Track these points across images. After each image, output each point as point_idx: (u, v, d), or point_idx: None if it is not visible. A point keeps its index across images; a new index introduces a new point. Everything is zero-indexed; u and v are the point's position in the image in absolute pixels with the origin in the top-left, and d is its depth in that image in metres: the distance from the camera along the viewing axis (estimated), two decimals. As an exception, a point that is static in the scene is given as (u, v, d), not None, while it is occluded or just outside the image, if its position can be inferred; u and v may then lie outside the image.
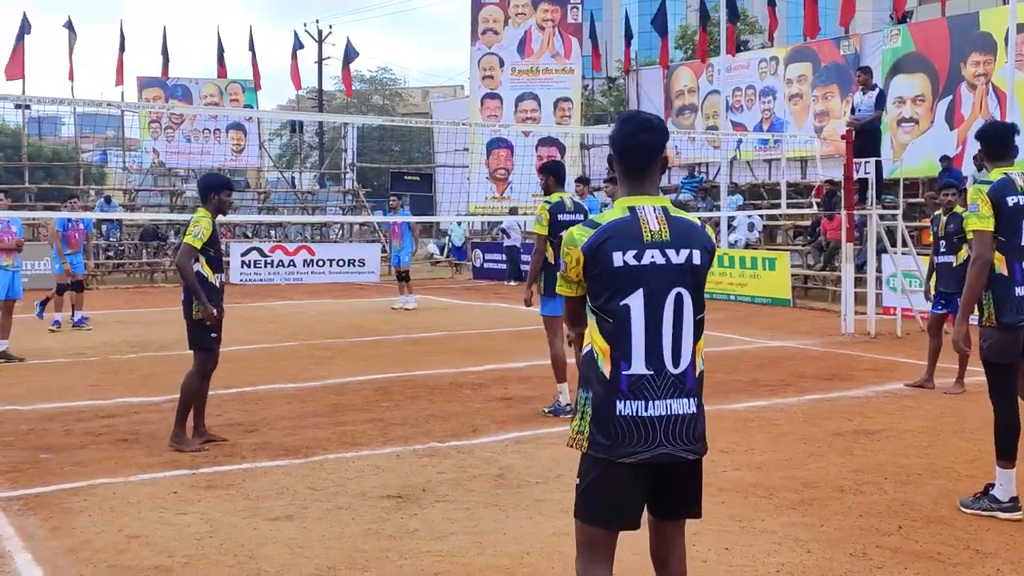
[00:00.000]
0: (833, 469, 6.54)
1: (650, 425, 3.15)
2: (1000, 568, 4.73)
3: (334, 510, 5.68)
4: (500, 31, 27.55)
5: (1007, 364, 5.59)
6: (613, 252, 3.17)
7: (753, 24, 39.74)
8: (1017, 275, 5.51)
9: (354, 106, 55.01)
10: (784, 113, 24.18)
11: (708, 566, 4.79)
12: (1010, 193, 5.53)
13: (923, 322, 11.04)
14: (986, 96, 19.78)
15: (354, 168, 30.06)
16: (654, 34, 29.35)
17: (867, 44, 22.49)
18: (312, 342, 13.11)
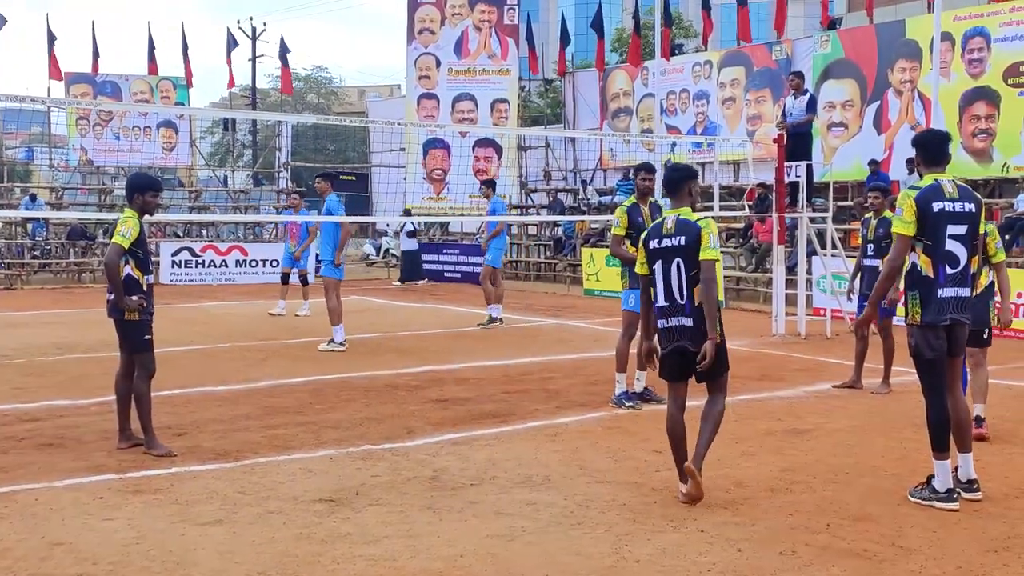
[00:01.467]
0: (764, 468, 6.63)
1: (673, 332, 5.85)
2: (924, 564, 4.83)
3: (265, 514, 5.60)
4: (437, 31, 27.50)
5: (934, 359, 5.80)
6: (649, 241, 5.96)
7: (688, 28, 40.19)
8: (940, 277, 5.72)
9: (289, 104, 54.43)
10: (717, 117, 24.49)
11: (641, 566, 4.82)
12: (937, 199, 5.72)
13: (851, 323, 11.24)
14: (912, 102, 20.26)
15: (288, 167, 29.74)
16: (590, 36, 29.54)
17: (798, 49, 22.88)
18: (245, 344, 12.93)
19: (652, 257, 5.90)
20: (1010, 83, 18.63)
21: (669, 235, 5.84)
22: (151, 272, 7.22)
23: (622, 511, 5.65)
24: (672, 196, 6.03)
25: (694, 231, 5.78)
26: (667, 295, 5.83)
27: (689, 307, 5.76)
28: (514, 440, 7.48)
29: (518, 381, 10.08)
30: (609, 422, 8.13)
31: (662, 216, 6.04)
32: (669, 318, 5.83)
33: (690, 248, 5.75)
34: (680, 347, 5.81)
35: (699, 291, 5.72)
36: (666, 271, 5.82)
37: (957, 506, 5.69)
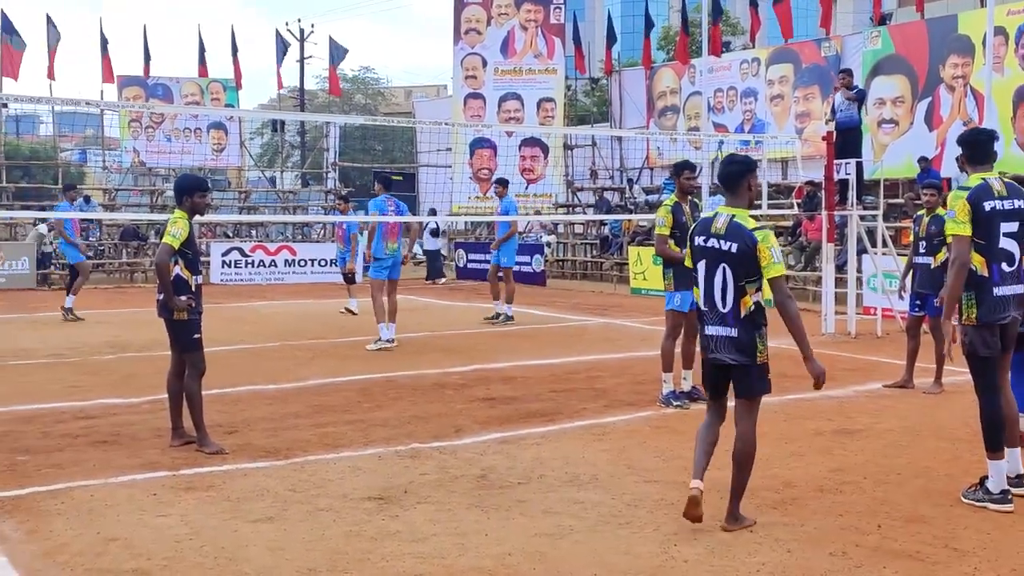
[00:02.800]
0: (813, 469, 6.57)
1: (709, 340, 5.39)
2: (978, 567, 4.77)
3: (315, 512, 5.66)
4: (483, 31, 27.57)
5: (989, 357, 5.75)
6: (696, 236, 5.43)
7: (735, 25, 39.88)
8: (995, 276, 5.70)
9: (336, 105, 54.86)
10: (765, 114, 24.30)
11: (690, 566, 4.80)
12: (987, 199, 5.72)
13: (903, 322, 11.10)
14: (964, 98, 19.95)
15: (336, 167, 29.98)
16: (637, 35, 29.51)
17: (848, 46, 22.63)
18: (293, 343, 13.07)
19: (696, 254, 5.42)
20: (1066, 77, 18.28)
21: (718, 236, 5.27)
22: (200, 272, 7.33)
23: (670, 511, 5.63)
24: (729, 191, 5.41)
25: (749, 241, 5.18)
26: (708, 299, 5.34)
27: (733, 317, 5.26)
28: (561, 439, 7.49)
29: (565, 380, 10.08)
30: (657, 421, 8.11)
31: (714, 211, 5.43)
32: (709, 325, 5.35)
33: (741, 258, 5.19)
34: (718, 359, 5.35)
35: (746, 303, 5.22)
36: (709, 274, 5.32)
37: (1011, 507, 5.61)
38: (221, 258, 24.15)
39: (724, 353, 5.30)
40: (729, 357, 5.29)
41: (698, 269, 5.39)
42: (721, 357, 5.32)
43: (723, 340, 5.30)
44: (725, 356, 5.30)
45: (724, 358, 5.31)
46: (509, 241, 15.33)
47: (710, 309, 5.33)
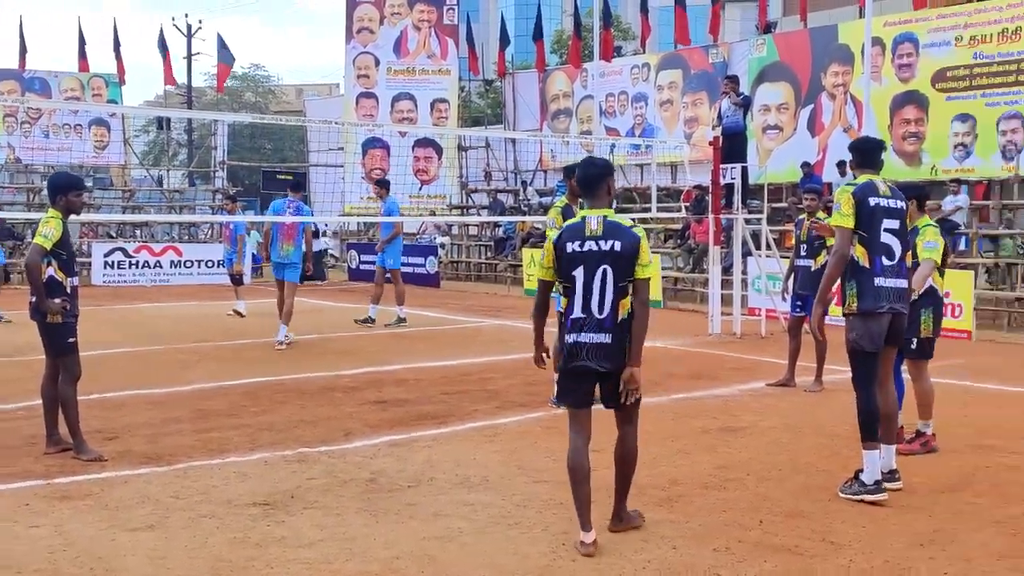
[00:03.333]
0: (699, 466, 6.70)
1: (582, 348, 5.06)
2: (853, 559, 4.92)
3: (198, 519, 5.52)
4: (376, 30, 27.36)
5: (871, 352, 6.02)
6: (568, 243, 5.10)
7: (626, 30, 40.49)
8: (876, 267, 5.98)
9: (225, 103, 53.72)
10: (655, 119, 24.71)
11: (577, 565, 4.84)
12: (872, 195, 6.03)
13: (785, 323, 11.41)
14: (845, 106, 20.64)
15: (225, 166, 29.36)
16: (530, 38, 29.60)
17: (735, 53, 23.18)
18: (178, 346, 12.74)
19: (571, 261, 5.06)
20: (938, 88, 19.08)
21: (595, 238, 5.03)
22: (76, 274, 7.08)
23: (560, 510, 5.67)
24: (590, 194, 5.22)
25: (631, 239, 5.03)
26: (585, 306, 5.04)
27: (611, 322, 5.00)
28: (453, 441, 7.47)
29: (457, 382, 10.06)
30: (548, 422, 8.15)
31: (579, 216, 5.22)
32: (582, 333, 5.04)
33: (623, 257, 4.99)
34: (588, 367, 5.05)
35: (624, 306, 5.02)
36: (588, 278, 5.03)
37: (885, 496, 5.84)
38: (103, 259, 23.42)
39: (596, 361, 5.03)
40: (601, 365, 5.03)
41: (575, 277, 5.06)
42: (592, 365, 5.04)
43: (596, 348, 5.02)
44: (597, 364, 5.04)
45: (595, 366, 5.04)
46: (394, 242, 15.22)
47: (587, 316, 5.03)
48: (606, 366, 5.03)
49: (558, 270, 5.15)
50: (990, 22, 18.44)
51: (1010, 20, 18.12)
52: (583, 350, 5.04)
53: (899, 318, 6.11)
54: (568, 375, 5.17)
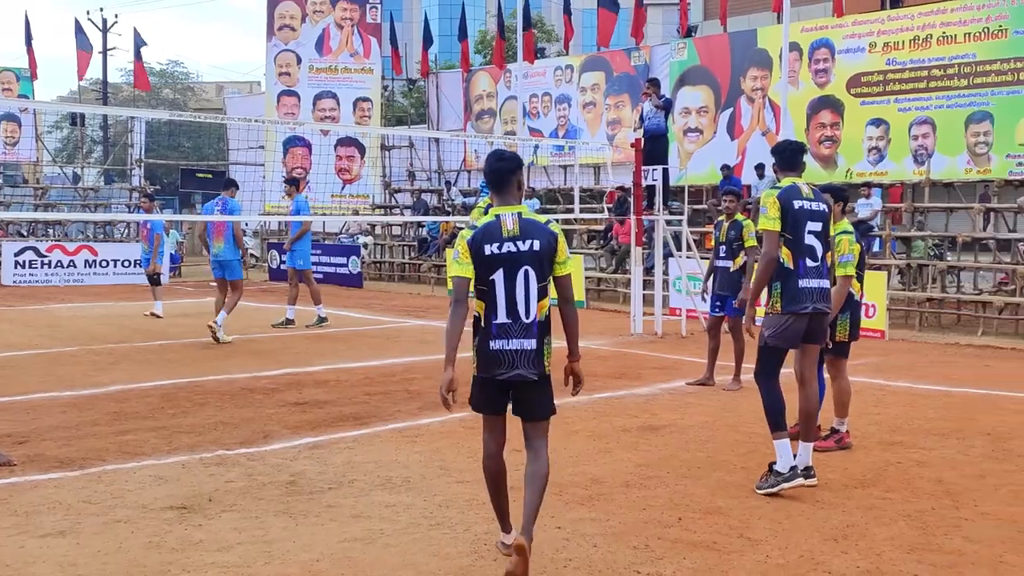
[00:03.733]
0: (620, 464, 6.76)
1: (510, 355, 4.72)
2: (769, 554, 5.02)
3: (112, 523, 5.39)
4: (297, 28, 27.07)
5: (781, 349, 6.24)
6: (484, 244, 4.71)
7: (550, 32, 40.70)
8: (800, 269, 6.16)
9: (143, 100, 52.60)
10: (578, 120, 24.88)
11: (498, 565, 4.84)
12: (796, 198, 6.21)
13: (705, 323, 11.58)
14: (763, 109, 21.03)
15: (142, 164, 28.74)
16: (454, 38, 29.59)
17: (656, 56, 23.44)
18: (93, 347, 12.44)
19: (490, 265, 4.70)
20: (853, 93, 19.56)
21: (513, 238, 4.70)
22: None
23: (482, 510, 5.66)
24: (500, 190, 4.84)
25: (549, 236, 4.76)
26: (510, 311, 4.70)
27: (536, 327, 4.74)
28: (374, 442, 7.42)
29: (380, 383, 10.00)
30: (471, 422, 8.12)
31: (492, 214, 4.81)
32: (509, 339, 4.71)
33: (543, 256, 4.73)
34: (518, 376, 4.74)
35: (543, 307, 4.75)
36: (510, 282, 4.69)
37: (802, 481, 6.03)
38: (14, 258, 22.78)
39: (525, 368, 4.73)
40: (530, 372, 4.74)
41: (494, 280, 4.70)
42: (522, 373, 4.73)
43: (524, 354, 4.72)
44: (526, 372, 4.73)
45: (525, 374, 4.73)
46: (303, 242, 15.04)
47: (514, 321, 4.71)
48: (536, 373, 4.75)
49: (475, 273, 4.74)
50: (902, 30, 18.99)
51: (921, 28, 18.68)
52: (512, 358, 4.71)
53: (820, 317, 6.27)
54: (488, 384, 4.79)
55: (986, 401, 9.29)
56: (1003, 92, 17.62)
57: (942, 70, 18.39)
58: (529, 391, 4.81)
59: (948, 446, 7.40)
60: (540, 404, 4.86)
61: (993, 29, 17.71)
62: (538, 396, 4.84)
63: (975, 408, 8.88)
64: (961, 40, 18.13)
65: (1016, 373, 11.06)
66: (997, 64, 17.66)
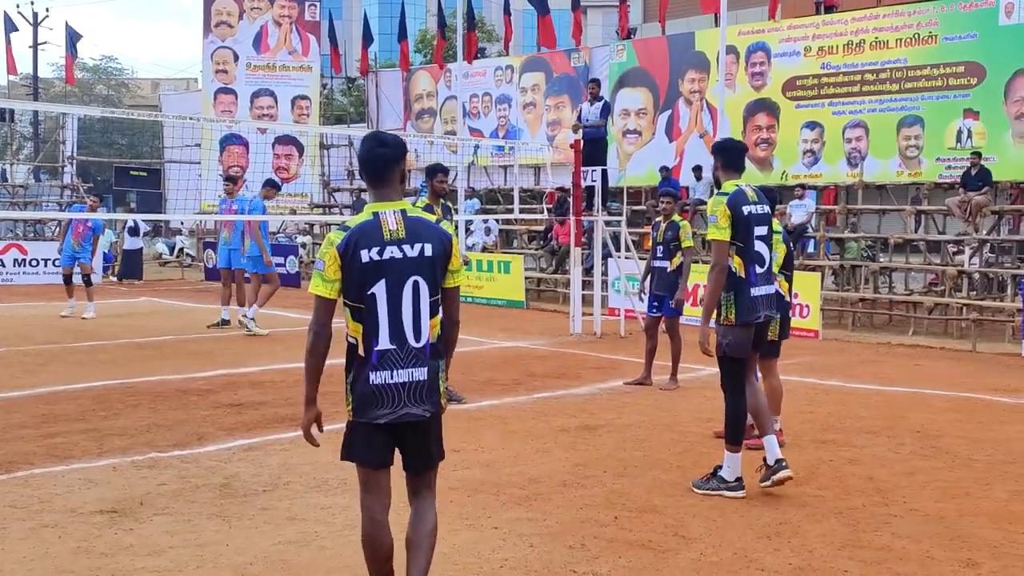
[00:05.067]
0: (558, 464, 6.79)
1: (395, 390, 3.80)
2: (703, 552, 5.07)
3: (38, 528, 5.27)
4: (235, 25, 26.73)
5: (742, 359, 6.12)
6: (361, 250, 3.76)
7: (490, 32, 40.72)
8: (751, 277, 6.04)
9: (75, 95, 51.56)
10: (519, 121, 24.91)
11: (433, 566, 4.81)
12: (744, 203, 6.06)
13: (643, 323, 11.67)
14: (701, 112, 21.25)
15: (74, 161, 28.17)
16: (394, 36, 29.44)
17: (596, 57, 23.57)
18: (22, 348, 12.14)
19: (369, 275, 3.77)
20: (788, 96, 19.86)
21: (397, 241, 3.80)
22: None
23: (418, 511, 5.64)
24: (378, 181, 3.91)
25: (442, 238, 3.89)
26: (395, 334, 3.79)
27: (429, 351, 3.86)
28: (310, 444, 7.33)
29: (316, 383, 9.90)
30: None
31: (368, 212, 3.87)
32: (395, 370, 3.79)
33: (436, 262, 3.86)
34: (408, 416, 3.83)
35: (435, 326, 3.89)
36: (394, 297, 3.78)
37: (744, 493, 6.04)
38: (-61, 257, 22.15)
39: (416, 405, 3.84)
40: (422, 409, 3.86)
41: (374, 295, 3.78)
42: (413, 412, 3.83)
43: (414, 388, 3.82)
44: (417, 409, 3.85)
45: (416, 412, 3.84)
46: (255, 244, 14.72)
47: (399, 346, 3.80)
48: (431, 410, 3.89)
49: (347, 286, 3.81)
50: (836, 35, 19.31)
51: (855, 33, 19.02)
52: (398, 394, 3.80)
53: (765, 323, 6.27)
54: (368, 428, 3.85)
55: (916, 399, 9.48)
56: (933, 97, 18.02)
57: (875, 75, 18.75)
58: (421, 433, 3.91)
59: (879, 444, 7.54)
60: (434, 448, 4.01)
61: (924, 35, 18.10)
62: (432, 438, 3.98)
63: (905, 406, 9.06)
64: (893, 46, 18.50)
65: (945, 372, 11.31)
66: (927, 69, 18.06)
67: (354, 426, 3.90)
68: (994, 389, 10.09)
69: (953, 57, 17.68)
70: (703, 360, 11.30)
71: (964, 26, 17.58)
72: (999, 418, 8.67)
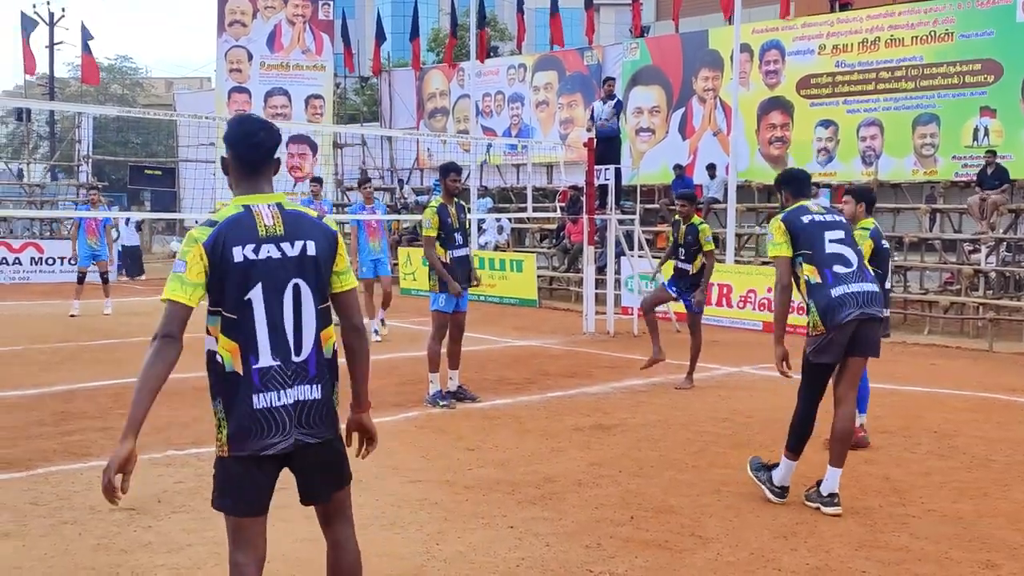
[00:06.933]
0: (572, 463, 6.79)
1: (283, 414, 3.27)
2: (720, 552, 5.07)
3: (59, 525, 5.31)
4: (248, 24, 26.78)
5: (827, 365, 5.81)
6: (233, 247, 3.24)
7: (503, 31, 40.71)
8: (830, 279, 5.74)
9: (91, 95, 51.78)
10: (531, 119, 24.90)
11: (449, 565, 4.84)
12: (803, 214, 5.86)
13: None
14: (714, 110, 21.20)
15: (89, 160, 28.28)
16: (407, 35, 29.45)
17: (609, 55, 23.53)
18: (40, 346, 12.22)
19: (243, 278, 3.24)
20: (802, 94, 19.79)
21: (274, 238, 3.29)
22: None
23: (434, 510, 5.67)
24: (251, 171, 3.40)
25: (326, 236, 3.41)
26: (277, 348, 3.27)
27: (315, 366, 3.36)
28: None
29: (342, 381, 9.92)
30: (422, 421, 8.14)
31: (237, 204, 3.36)
32: (281, 389, 3.27)
33: (320, 262, 3.36)
34: (292, 443, 3.30)
35: (327, 337, 3.41)
36: (272, 303, 3.27)
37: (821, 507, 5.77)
38: (-43, 256, 22.30)
39: (307, 429, 3.33)
40: (316, 434, 3.36)
41: (250, 302, 3.25)
42: (303, 438, 3.32)
43: (305, 408, 3.32)
44: (309, 435, 3.33)
45: (307, 438, 3.33)
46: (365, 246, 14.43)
47: (283, 361, 3.29)
48: (322, 434, 3.37)
49: (217, 291, 3.26)
50: (851, 32, 19.24)
51: (869, 31, 18.94)
52: (285, 418, 3.28)
53: (867, 325, 5.76)
54: (245, 464, 3.28)
55: (932, 399, 9.45)
56: (949, 95, 17.93)
57: (890, 72, 18.67)
58: (318, 457, 3.40)
59: (895, 444, 7.52)
60: (338, 469, 3.51)
61: (940, 33, 18.01)
62: (333, 459, 3.47)
63: (921, 406, 9.03)
64: (909, 43, 18.42)
65: (961, 372, 11.27)
66: (944, 67, 17.97)
67: (227, 463, 3.29)
68: (1011, 389, 10.05)
69: (970, 54, 17.60)
70: (718, 359, 11.33)
71: (981, 23, 17.50)
72: (1017, 418, 8.64)
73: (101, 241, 15.95)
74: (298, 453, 3.33)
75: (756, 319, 14.59)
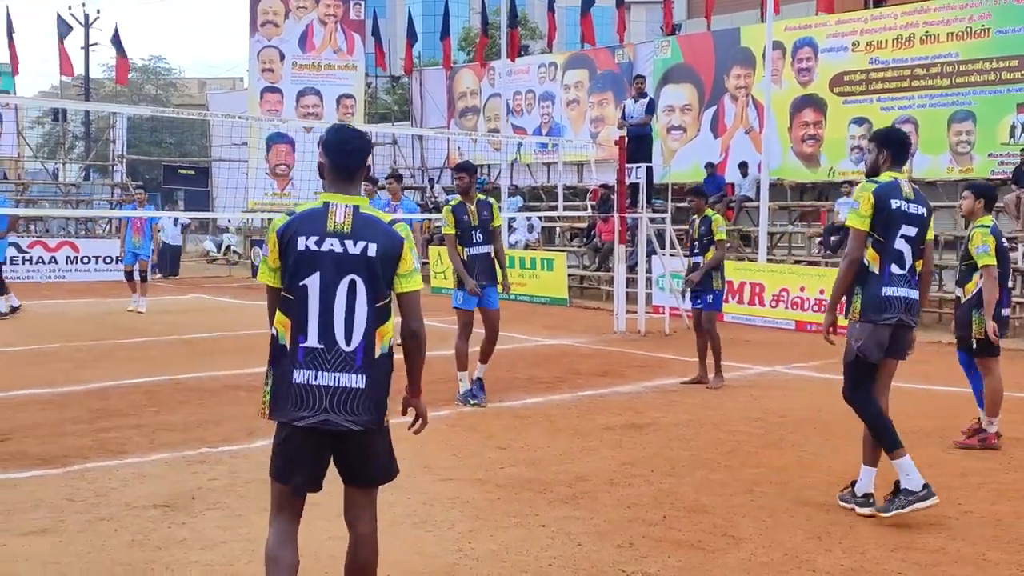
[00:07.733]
0: (604, 462, 6.77)
1: (317, 393, 3.57)
2: (754, 553, 5.03)
3: (95, 521, 5.36)
4: (280, 24, 26.94)
5: (869, 364, 5.65)
6: (299, 237, 3.60)
7: (533, 29, 40.68)
8: (885, 276, 5.54)
9: (125, 95, 52.31)
10: (562, 118, 24.89)
11: (482, 564, 4.84)
12: (895, 196, 5.55)
13: (689, 320, 11.61)
14: (746, 107, 21.08)
15: (124, 160, 28.58)
16: (437, 34, 29.52)
17: (640, 54, 23.47)
18: (75, 344, 12.35)
19: (303, 264, 3.58)
20: (835, 91, 19.64)
21: (340, 234, 3.60)
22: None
23: (466, 509, 5.67)
24: (343, 176, 3.74)
25: (391, 241, 3.64)
26: (324, 333, 3.56)
27: (362, 358, 3.59)
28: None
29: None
30: (453, 420, 8.15)
31: (320, 200, 3.71)
32: (320, 371, 3.56)
33: (382, 263, 3.61)
34: (329, 424, 3.56)
35: (383, 335, 3.64)
36: (327, 292, 3.57)
37: (936, 500, 5.48)
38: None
39: (343, 414, 3.56)
40: (351, 420, 3.58)
41: (306, 287, 3.58)
42: (334, 420, 3.55)
43: (340, 394, 3.55)
44: (344, 419, 3.56)
45: (342, 422, 3.56)
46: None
47: (327, 346, 3.56)
48: (360, 422, 3.60)
49: (283, 273, 3.64)
50: (885, 29, 19.08)
51: (904, 28, 18.76)
52: (319, 397, 3.55)
53: (903, 331, 5.63)
54: (294, 439, 3.63)
55: (967, 399, 9.32)
56: (985, 92, 17.73)
57: (925, 69, 18.49)
58: (354, 444, 3.64)
59: (930, 444, 7.44)
60: (372, 462, 3.73)
61: (976, 29, 17.81)
62: (372, 454, 3.71)
63: (956, 406, 8.92)
64: (944, 40, 18.23)
65: (997, 371, 11.10)
66: (979, 64, 17.77)
67: (279, 429, 3.67)
68: (1048, 389, 9.90)
69: (1006, 51, 17.39)
70: (751, 358, 11.26)
71: (1018, 19, 17.28)
72: (1054, 419, 8.52)
73: (146, 240, 16.17)
74: (343, 438, 3.62)
75: (789, 318, 14.49)
